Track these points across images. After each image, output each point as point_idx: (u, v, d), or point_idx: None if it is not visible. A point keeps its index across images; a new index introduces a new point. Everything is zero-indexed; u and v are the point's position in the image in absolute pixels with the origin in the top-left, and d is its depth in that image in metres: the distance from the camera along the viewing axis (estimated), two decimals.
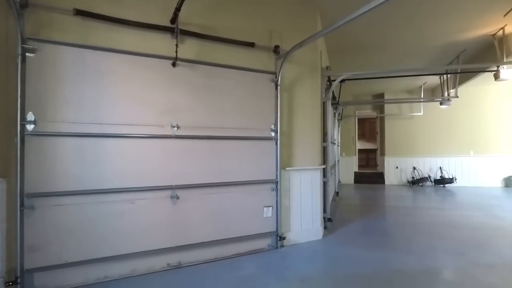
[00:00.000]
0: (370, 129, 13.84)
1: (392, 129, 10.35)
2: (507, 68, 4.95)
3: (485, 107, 9.48)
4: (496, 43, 5.30)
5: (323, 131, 4.74)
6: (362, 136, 14.07)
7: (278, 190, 3.73)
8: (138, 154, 2.97)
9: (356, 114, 11.04)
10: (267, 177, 3.69)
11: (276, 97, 3.76)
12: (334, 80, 5.08)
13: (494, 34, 5.31)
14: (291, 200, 3.91)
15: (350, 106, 10.66)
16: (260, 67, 3.70)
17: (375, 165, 12.22)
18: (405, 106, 10.21)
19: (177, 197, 3.13)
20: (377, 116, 11.12)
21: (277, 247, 3.70)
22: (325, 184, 4.69)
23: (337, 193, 7.67)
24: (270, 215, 3.70)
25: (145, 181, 2.99)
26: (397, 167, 10.24)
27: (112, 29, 2.90)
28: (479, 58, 6.17)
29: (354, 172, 10.91)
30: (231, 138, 3.45)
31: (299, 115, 4.03)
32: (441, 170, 9.60)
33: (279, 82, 3.75)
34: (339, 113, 9.21)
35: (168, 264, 3.10)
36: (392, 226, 4.83)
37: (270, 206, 3.70)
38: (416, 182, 9.69)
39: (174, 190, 3.12)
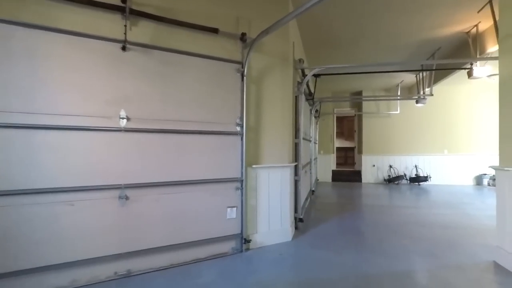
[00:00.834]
0: (349, 127, 13.86)
1: (369, 128, 10.33)
2: (480, 66, 4.91)
3: (458, 107, 9.61)
4: (470, 40, 5.26)
5: (295, 127, 4.51)
6: (340, 134, 14.07)
7: (244, 189, 3.46)
8: (79, 148, 2.61)
9: (335, 111, 10.96)
10: (231, 175, 3.41)
11: (242, 88, 3.48)
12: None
13: (468, 32, 5.26)
14: (258, 200, 3.65)
15: (328, 104, 10.56)
16: (225, 55, 3.40)
17: (353, 163, 12.23)
18: (382, 104, 10.21)
19: (127, 198, 2.80)
20: (355, 114, 11.09)
21: (241, 251, 3.44)
22: (296, 183, 4.47)
23: (312, 192, 7.51)
24: (235, 216, 3.43)
25: (88, 180, 2.64)
26: (374, 166, 10.23)
27: (50, 5, 2.52)
28: (453, 56, 6.15)
29: (332, 170, 10.83)
30: (190, 132, 3.14)
31: (268, 109, 3.77)
32: (416, 169, 9.67)
33: (245, 73, 3.47)
34: (316, 110, 9.07)
35: (115, 273, 2.76)
36: (365, 226, 4.68)
37: (234, 207, 3.43)
38: (392, 180, 9.71)
39: (123, 189, 2.78)
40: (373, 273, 2.93)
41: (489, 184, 9.10)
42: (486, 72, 4.82)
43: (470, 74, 4.98)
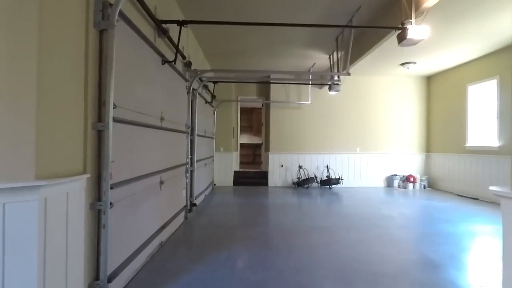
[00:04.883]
0: (258, 120, 12.08)
1: (278, 120, 8.62)
2: (416, 25, 3.35)
3: (370, 100, 8.63)
4: None
5: (99, 96, 2.11)
6: (248, 128, 12.27)
7: None
8: None
9: (239, 99, 8.92)
10: None
11: None
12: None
13: None
14: None
15: (230, 88, 8.44)
16: None
17: (261, 163, 10.44)
18: (292, 92, 8.59)
19: None
20: (262, 104, 9.27)
21: None
22: (100, 216, 2.08)
23: (193, 205, 5.23)
24: None
25: None
26: (282, 166, 8.57)
27: None
28: (379, 19, 4.61)
29: (235, 171, 8.81)
30: None
31: None
32: (327, 169, 8.33)
33: None
34: (213, 96, 6.84)
35: None
36: (229, 282, 2.58)
37: None
38: (302, 184, 8.17)
39: None
40: None
41: (399, 186, 8.31)
42: (424, 33, 3.26)
43: (402, 37, 3.40)
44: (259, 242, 3.72)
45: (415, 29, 3.32)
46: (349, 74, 5.03)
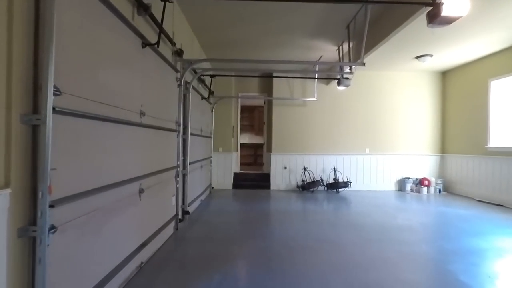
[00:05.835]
0: (260, 119, 11.48)
1: (281, 118, 8.00)
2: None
3: (381, 97, 7.99)
4: None
5: (34, 78, 1.51)
6: (250, 127, 11.66)
7: None
8: None
9: (239, 96, 8.31)
10: None
11: None
12: None
13: None
14: None
15: (229, 83, 7.84)
16: None
17: (263, 164, 9.83)
18: (297, 88, 7.98)
19: None
20: (264, 101, 8.66)
21: None
22: (34, 247, 1.48)
23: (186, 213, 4.63)
24: None
25: None
26: (285, 168, 7.96)
27: None
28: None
29: (234, 173, 8.20)
30: None
31: None
32: (335, 172, 7.70)
33: None
34: (210, 92, 6.24)
35: None
36: None
37: None
38: (307, 187, 7.55)
39: None
40: None
41: (412, 190, 7.67)
42: (463, 9, 2.63)
43: (434, 15, 2.78)
44: (259, 263, 3.11)
45: (452, 4, 2.69)
46: (363, 64, 4.40)
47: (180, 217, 4.35)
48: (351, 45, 5.20)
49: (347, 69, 5.35)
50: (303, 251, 3.45)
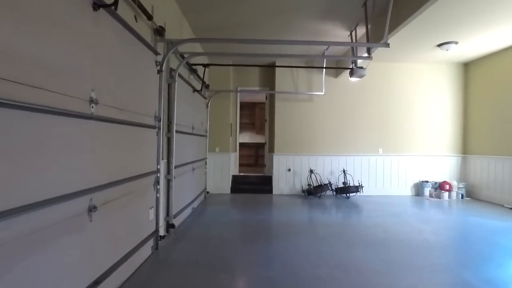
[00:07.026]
0: (262, 117, 10.68)
1: (284, 115, 7.21)
2: None
3: (397, 92, 7.17)
4: None
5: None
6: (250, 126, 10.86)
7: None
8: None
9: (238, 90, 7.51)
10: None
11: None
12: None
13: None
14: None
15: (226, 76, 7.06)
16: None
17: (264, 166, 9.04)
18: (302, 81, 7.17)
19: None
20: (266, 96, 7.87)
21: None
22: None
23: (171, 227, 3.85)
24: None
25: None
26: (289, 170, 7.16)
27: None
28: None
29: (233, 176, 7.42)
30: None
31: None
32: (344, 174, 6.89)
33: None
34: (204, 84, 5.43)
35: None
36: None
37: None
38: (313, 192, 6.74)
39: None
40: None
41: (431, 195, 6.85)
42: None
43: None
44: None
45: None
46: (387, 45, 3.60)
47: (162, 233, 3.58)
48: (369, 27, 4.38)
49: (364, 55, 4.53)
50: (316, 283, 2.65)
